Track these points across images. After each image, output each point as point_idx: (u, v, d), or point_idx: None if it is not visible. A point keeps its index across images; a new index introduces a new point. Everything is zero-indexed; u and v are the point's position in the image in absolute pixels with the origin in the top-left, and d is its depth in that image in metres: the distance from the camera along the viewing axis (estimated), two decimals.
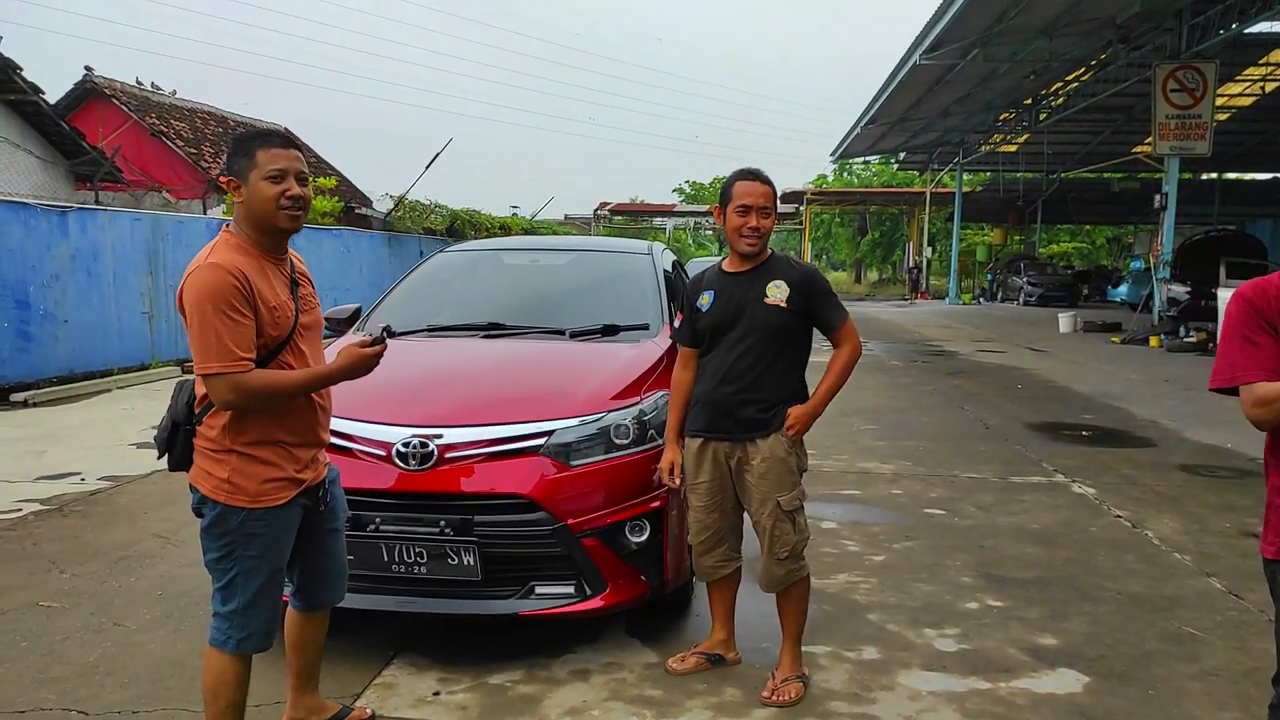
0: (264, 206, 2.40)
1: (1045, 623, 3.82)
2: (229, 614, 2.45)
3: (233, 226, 2.48)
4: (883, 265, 54.28)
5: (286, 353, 2.45)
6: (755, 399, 3.12)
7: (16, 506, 5.41)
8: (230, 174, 2.42)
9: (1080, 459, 7.01)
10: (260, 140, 2.44)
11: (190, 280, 2.33)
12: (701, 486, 3.22)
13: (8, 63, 13.65)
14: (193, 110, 21.53)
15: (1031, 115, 25.45)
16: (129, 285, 11.21)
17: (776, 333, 3.11)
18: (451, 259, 5.21)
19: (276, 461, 2.43)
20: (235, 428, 2.38)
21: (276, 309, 2.41)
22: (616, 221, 41.27)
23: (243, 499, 2.39)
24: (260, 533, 2.42)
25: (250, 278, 2.35)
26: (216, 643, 2.47)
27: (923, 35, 17.59)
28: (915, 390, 10.73)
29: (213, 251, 2.37)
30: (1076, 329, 19.35)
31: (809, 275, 3.20)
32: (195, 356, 2.31)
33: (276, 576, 2.50)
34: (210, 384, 2.31)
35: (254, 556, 2.42)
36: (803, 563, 3.18)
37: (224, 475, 2.38)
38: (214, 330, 2.27)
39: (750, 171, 3.19)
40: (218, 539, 2.42)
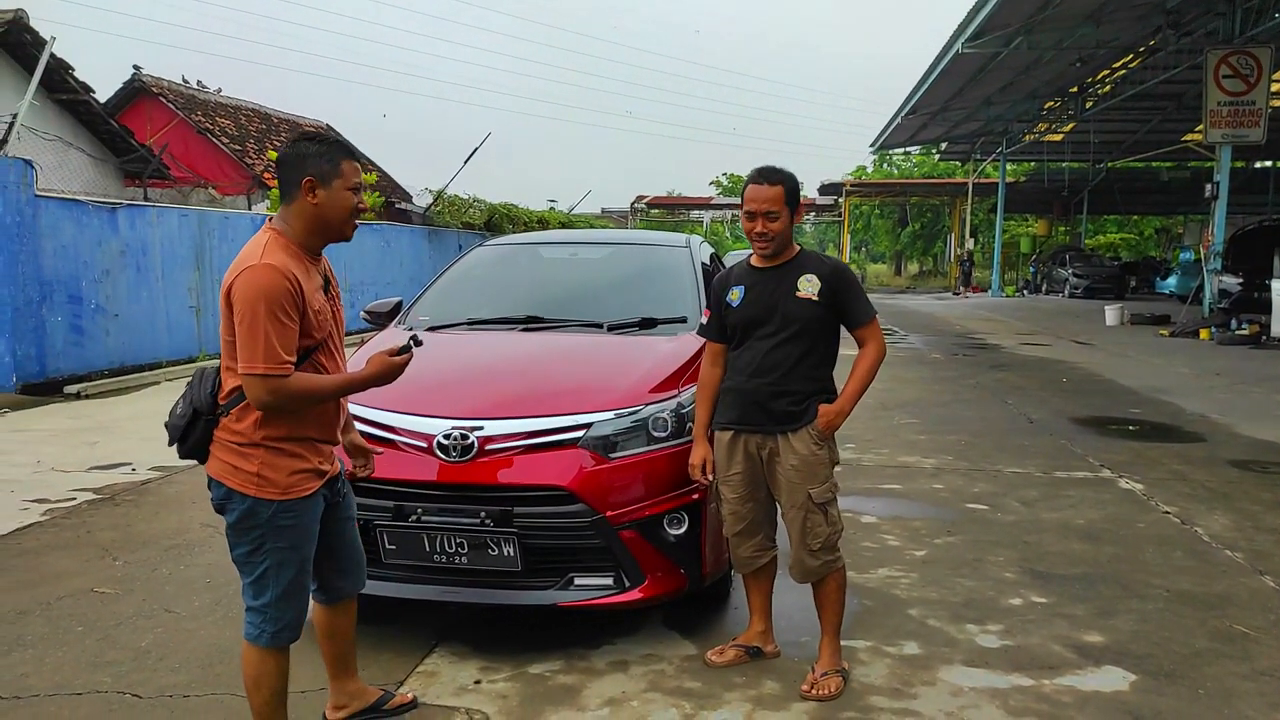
0: (340, 215, 2.48)
1: (1091, 620, 3.75)
2: (262, 608, 2.48)
3: (277, 224, 2.48)
4: (923, 258, 53.59)
5: (320, 353, 2.49)
6: (788, 392, 3.12)
7: (71, 495, 5.56)
8: (310, 174, 2.43)
9: (1127, 454, 6.87)
10: (345, 151, 2.50)
11: (244, 278, 2.33)
12: (735, 478, 3.23)
13: (60, 63, 13.99)
14: (237, 107, 21.91)
15: (1077, 103, 24.92)
16: (177, 280, 11.45)
17: (809, 326, 3.12)
18: (490, 253, 5.25)
19: (303, 454, 2.47)
20: (266, 422, 2.40)
21: (319, 312, 2.45)
22: (653, 215, 41.23)
23: (273, 491, 2.41)
24: (290, 524, 2.45)
25: (300, 281, 2.38)
26: (251, 637, 2.51)
27: (965, 23, 17.30)
28: (957, 384, 10.59)
29: (265, 251, 2.37)
30: (1124, 322, 18.95)
31: (839, 269, 3.21)
32: (241, 355, 2.32)
33: (306, 567, 2.54)
34: (251, 384, 2.32)
35: (285, 548, 2.46)
36: (837, 554, 3.17)
37: (253, 469, 2.40)
38: (264, 332, 2.29)
39: (760, 173, 3.16)
40: (247, 533, 2.44)
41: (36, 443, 7.06)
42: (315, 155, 2.45)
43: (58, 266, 9.59)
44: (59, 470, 6.18)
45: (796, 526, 3.14)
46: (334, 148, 2.49)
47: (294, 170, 2.44)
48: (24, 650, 3.44)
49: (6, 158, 9.25)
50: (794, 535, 3.16)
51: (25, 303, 9.17)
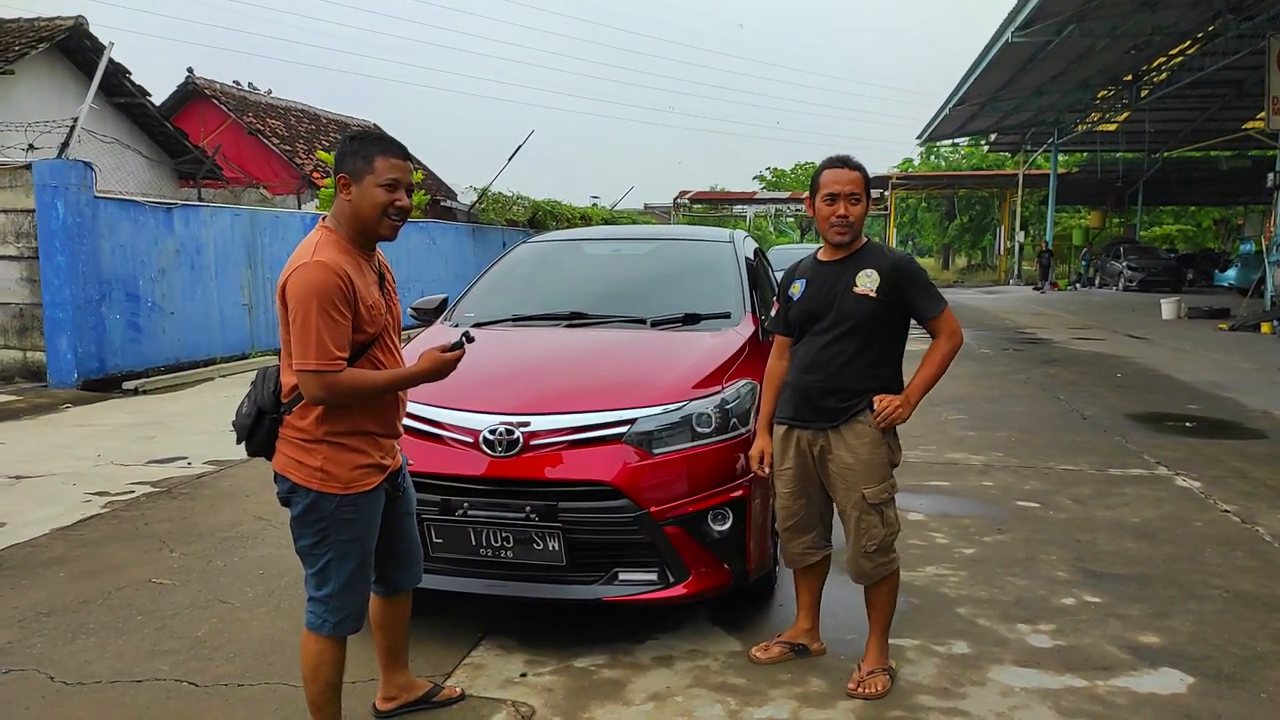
0: (372, 212, 2.46)
1: (1147, 620, 3.67)
2: (325, 598, 2.53)
3: (329, 222, 2.51)
4: (972, 251, 52.72)
5: (376, 348, 2.52)
6: (838, 389, 3.07)
7: (130, 488, 5.72)
8: (344, 171, 2.45)
9: (1185, 451, 6.69)
10: (381, 146, 2.48)
11: (297, 275, 2.37)
12: (787, 474, 3.21)
13: (118, 68, 14.37)
14: (287, 108, 22.31)
15: (1132, 92, 24.30)
16: (230, 278, 11.70)
17: (864, 323, 3.04)
18: (533, 250, 5.28)
19: (365, 449, 2.51)
20: (328, 418, 2.45)
21: (373, 307, 2.48)
22: (696, 210, 41.11)
23: (336, 486, 2.46)
24: (352, 517, 2.49)
25: (352, 277, 2.41)
26: (313, 626, 2.56)
27: (1015, 12, 16.96)
28: (1007, 379, 10.41)
29: (317, 249, 2.40)
30: (1180, 315, 18.44)
31: (900, 263, 3.09)
32: (294, 351, 2.36)
33: (367, 559, 2.58)
34: (304, 379, 2.37)
35: (347, 541, 2.50)
36: (893, 556, 3.11)
37: (317, 464, 2.45)
38: (316, 328, 2.33)
39: (838, 159, 3.13)
40: (311, 525, 2.49)
41: (97, 437, 7.27)
42: (350, 153, 2.46)
43: (116, 265, 9.86)
44: (118, 464, 6.36)
45: (851, 527, 3.10)
46: (369, 144, 2.48)
47: (335, 168, 2.49)
48: (87, 638, 3.55)
49: (68, 160, 9.54)
50: (849, 536, 3.13)
51: (85, 301, 9.45)
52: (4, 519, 5.06)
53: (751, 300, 4.40)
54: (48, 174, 9.34)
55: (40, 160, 9.71)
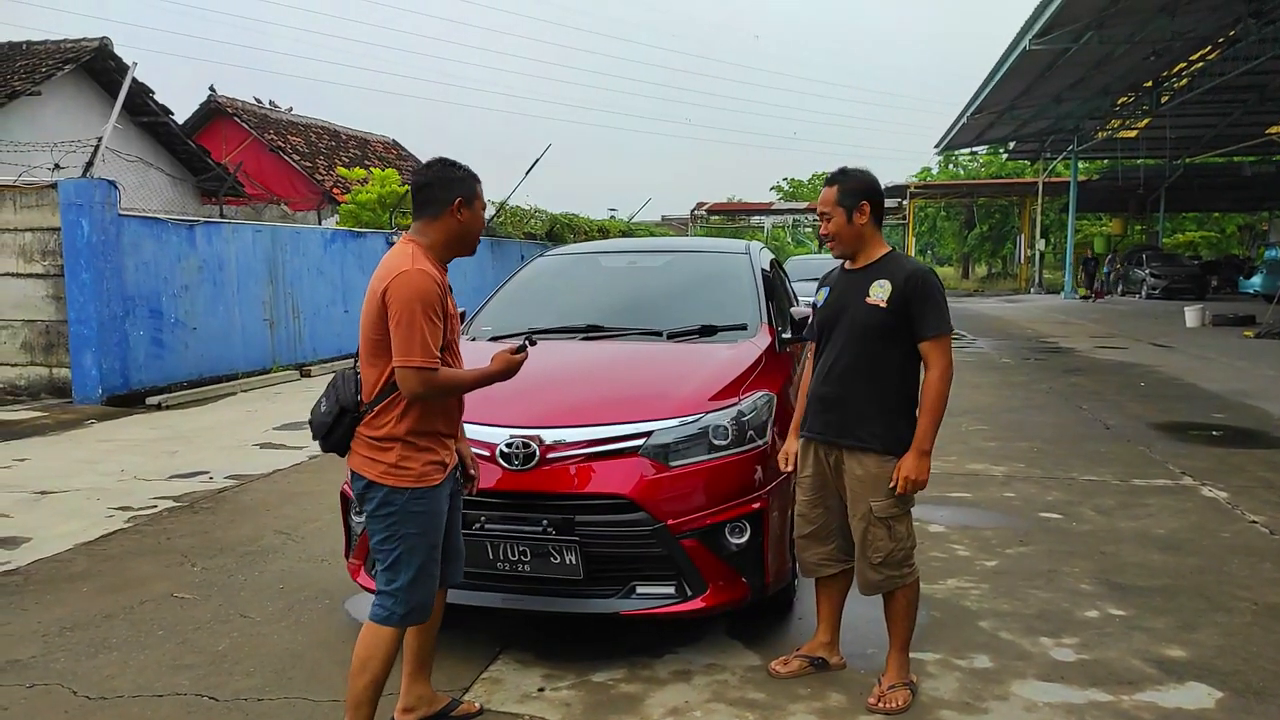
0: (477, 231, 2.80)
1: (1172, 633, 3.61)
2: (395, 590, 2.65)
3: (417, 237, 2.71)
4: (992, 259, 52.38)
5: (448, 352, 2.71)
6: (847, 400, 3.06)
7: (153, 503, 5.77)
8: (460, 195, 2.71)
9: (1210, 461, 6.60)
10: (477, 178, 2.81)
11: (400, 281, 2.56)
12: (805, 481, 3.22)
13: (141, 88, 14.60)
14: (307, 125, 22.55)
15: (1152, 98, 24.09)
16: (251, 294, 11.81)
17: (871, 334, 3.02)
18: (550, 263, 5.29)
19: (433, 447, 2.69)
20: (404, 418, 2.63)
21: (453, 316, 2.73)
22: (714, 221, 41.09)
23: (408, 479, 2.63)
24: (421, 510, 2.65)
25: (444, 286, 2.65)
26: (379, 619, 2.67)
27: (1033, 19, 16.87)
28: (1029, 389, 10.31)
29: (414, 259, 2.62)
30: (1205, 323, 18.22)
31: (914, 275, 3.03)
32: (398, 349, 2.54)
33: (435, 554, 2.71)
34: (406, 375, 2.54)
35: (416, 534, 2.65)
36: (905, 570, 3.07)
37: (392, 460, 2.63)
38: (421, 329, 2.53)
39: (829, 176, 3.18)
40: (383, 519, 2.64)
41: (120, 452, 7.35)
42: (463, 179, 2.75)
43: (139, 282, 9.98)
44: (141, 479, 6.42)
45: (858, 537, 3.09)
46: (473, 174, 2.80)
47: (445, 191, 2.71)
48: (109, 653, 3.58)
49: (92, 179, 9.68)
50: (856, 546, 3.11)
51: (110, 317, 9.56)
52: (30, 534, 5.12)
53: (768, 311, 4.39)
54: (73, 193, 9.48)
55: (65, 179, 9.86)
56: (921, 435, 2.98)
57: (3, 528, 5.24)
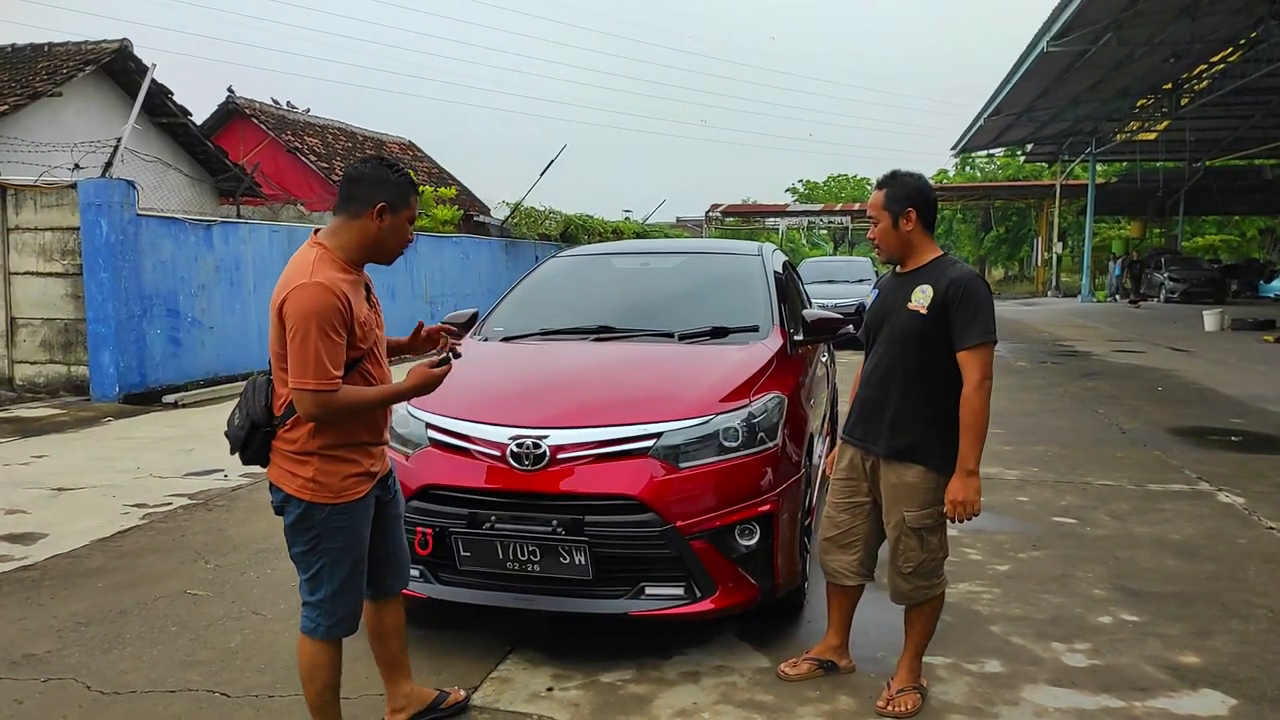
0: (399, 242, 2.60)
1: (1187, 640, 3.58)
2: (318, 603, 2.59)
3: (325, 239, 2.54)
4: (1008, 262, 52.11)
5: (368, 361, 2.58)
6: (885, 406, 3.04)
7: (168, 500, 5.82)
8: (385, 200, 2.52)
9: (1228, 466, 6.54)
10: (413, 187, 2.63)
11: (296, 295, 2.40)
12: (838, 484, 3.22)
13: (160, 89, 14.72)
14: (324, 127, 22.68)
15: (1172, 100, 23.89)
16: (267, 293, 11.71)
17: (910, 340, 2.97)
18: (563, 264, 5.30)
19: (355, 459, 2.56)
20: (319, 432, 2.50)
21: (364, 324, 2.54)
22: (728, 223, 41.06)
23: (327, 495, 2.52)
24: (343, 525, 2.55)
25: (349, 297, 2.46)
26: (307, 630, 2.63)
27: (1050, 20, 16.77)
28: (1045, 392, 10.25)
29: (314, 268, 2.44)
30: (1224, 327, 18.06)
31: (956, 281, 2.91)
32: (292, 370, 2.40)
33: (359, 565, 2.63)
34: (301, 398, 2.41)
35: (339, 548, 2.56)
36: (934, 581, 3.04)
37: (309, 475, 2.50)
38: (315, 348, 2.37)
39: (880, 179, 3.13)
40: (303, 534, 2.55)
41: (137, 450, 7.41)
42: (393, 183, 2.55)
43: (157, 281, 10.07)
44: (157, 476, 6.47)
45: (890, 545, 3.07)
46: (410, 184, 2.61)
47: (372, 191, 2.52)
48: (123, 648, 3.61)
49: (111, 180, 9.77)
50: (890, 553, 3.09)
51: (128, 316, 9.65)
52: (46, 530, 5.17)
53: (780, 314, 4.38)
54: (92, 193, 9.58)
55: (85, 179, 9.96)
56: (964, 455, 2.87)
57: (20, 524, 5.30)
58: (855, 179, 59.39)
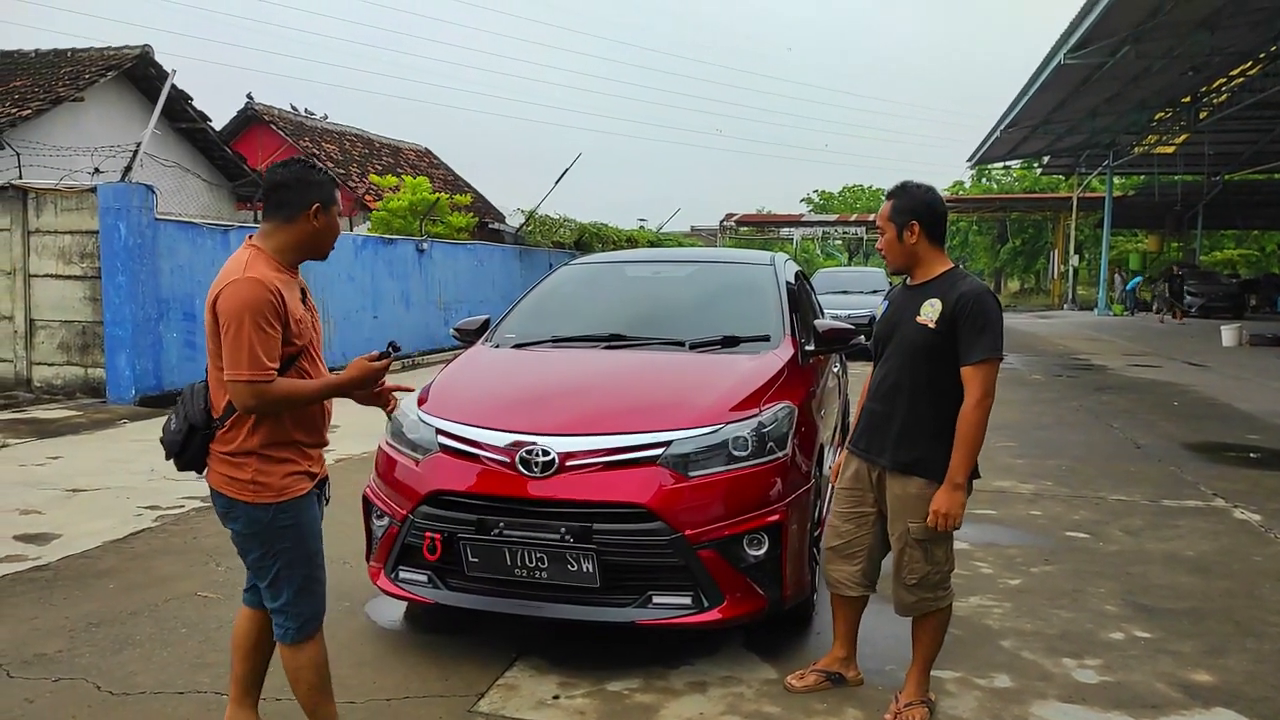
0: (334, 237, 2.68)
1: (1200, 658, 3.54)
2: (282, 608, 2.58)
3: (259, 241, 2.59)
4: (1024, 275, 51.88)
5: (303, 359, 2.60)
6: (891, 418, 3.03)
7: (180, 503, 5.86)
8: (318, 200, 2.58)
9: (1244, 482, 6.47)
10: (336, 182, 2.69)
11: (229, 290, 2.45)
12: (842, 493, 3.21)
13: (180, 94, 14.87)
14: (341, 133, 22.85)
15: (1190, 114, 23.75)
16: None
17: (918, 354, 2.96)
18: (576, 271, 5.32)
19: (293, 458, 2.57)
20: (256, 431, 2.51)
21: (300, 321, 2.57)
22: (743, 232, 41.05)
23: (269, 495, 2.52)
24: (289, 523, 2.55)
25: (282, 292, 2.50)
26: (280, 639, 2.61)
27: (1068, 33, 16.72)
28: (1059, 406, 10.18)
29: (247, 266, 2.49)
30: (1242, 342, 17.90)
31: (964, 295, 2.90)
32: (227, 362, 2.43)
33: (315, 560, 2.62)
34: (237, 389, 2.43)
35: (289, 547, 2.55)
36: (940, 594, 3.02)
37: (248, 477, 2.51)
38: (248, 340, 2.40)
39: (890, 189, 3.14)
40: (253, 538, 2.55)
41: (151, 452, 7.42)
42: (322, 184, 2.62)
43: (174, 285, 10.15)
44: (170, 478, 6.51)
45: (895, 557, 3.06)
46: (333, 179, 2.68)
47: (302, 194, 2.58)
48: (133, 649, 3.63)
49: (130, 184, 9.87)
50: (893, 566, 3.08)
51: (144, 319, 9.73)
52: (60, 530, 5.21)
53: (792, 323, 4.37)
54: (111, 197, 9.67)
55: (104, 184, 10.07)
56: (954, 468, 2.87)
57: (34, 524, 5.35)
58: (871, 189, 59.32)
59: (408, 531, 3.43)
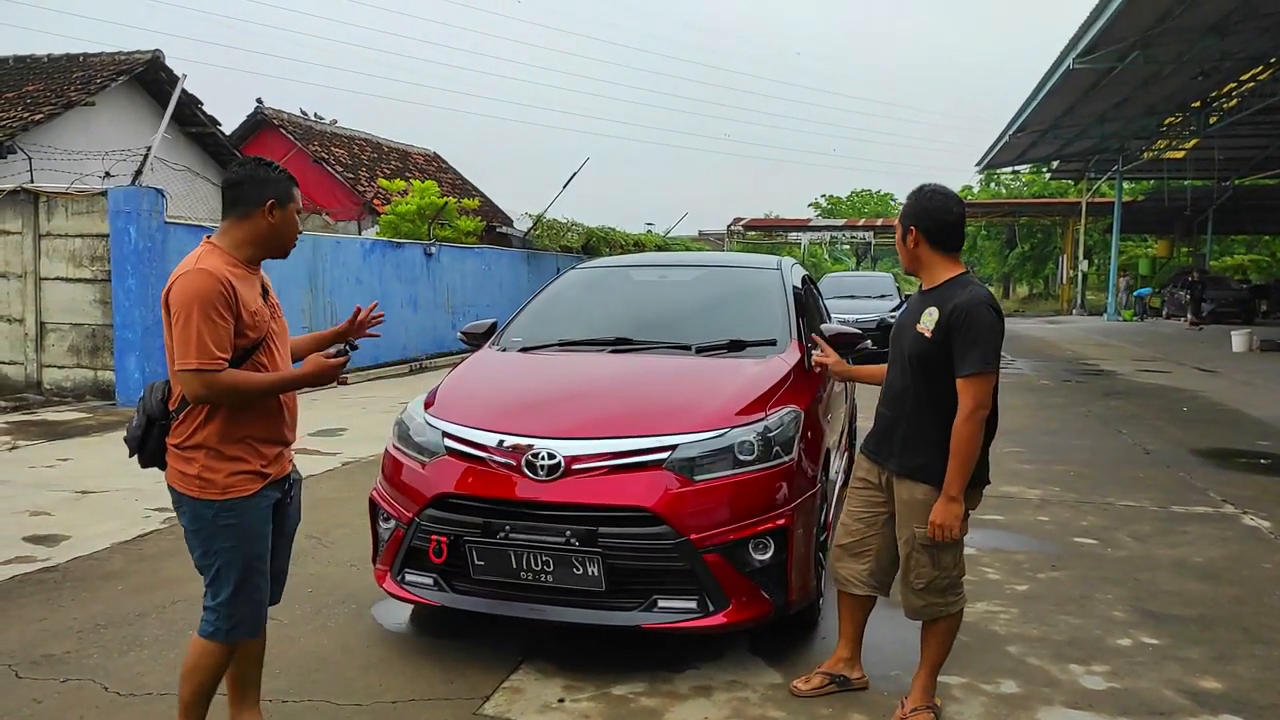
0: (291, 234, 2.69)
1: (1208, 664, 3.52)
2: (217, 606, 2.57)
3: (216, 239, 2.61)
4: (1033, 280, 51.73)
5: (261, 353, 2.61)
6: (896, 424, 3.05)
7: None
8: (273, 196, 2.60)
9: (1254, 489, 6.44)
10: (293, 181, 2.70)
11: (180, 282, 2.48)
12: (854, 494, 3.22)
13: (190, 99, 14.96)
14: (350, 137, 22.93)
15: (1200, 119, 23.67)
16: (291, 301, 12.00)
17: (915, 362, 2.97)
18: (583, 275, 5.32)
19: (243, 456, 2.56)
20: (205, 426, 2.52)
21: (256, 313, 2.58)
22: (751, 237, 41.06)
23: (213, 492, 2.52)
24: (232, 523, 2.54)
25: (234, 284, 2.52)
26: (204, 633, 2.59)
27: (1077, 38, 16.69)
28: (1067, 411, 10.15)
29: (199, 259, 2.52)
30: (1252, 348, 17.80)
31: (959, 307, 2.87)
32: (177, 352, 2.45)
33: (257, 565, 2.60)
34: (185, 379, 2.44)
35: (230, 548, 2.54)
36: (951, 599, 3.01)
37: (194, 471, 2.52)
38: (197, 329, 2.42)
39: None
40: (197, 535, 2.56)
41: None
42: (276, 180, 2.63)
43: None
44: None
45: (903, 561, 3.05)
46: (287, 175, 2.68)
47: (257, 190, 2.60)
48: (141, 650, 3.64)
49: (140, 188, 9.93)
50: (900, 569, 3.08)
51: (154, 322, 9.77)
52: (69, 532, 5.24)
53: (798, 328, 4.37)
54: (121, 200, 9.74)
55: (115, 187, 10.13)
56: (949, 480, 2.85)
57: (43, 525, 5.37)
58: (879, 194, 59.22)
59: (414, 534, 3.44)
